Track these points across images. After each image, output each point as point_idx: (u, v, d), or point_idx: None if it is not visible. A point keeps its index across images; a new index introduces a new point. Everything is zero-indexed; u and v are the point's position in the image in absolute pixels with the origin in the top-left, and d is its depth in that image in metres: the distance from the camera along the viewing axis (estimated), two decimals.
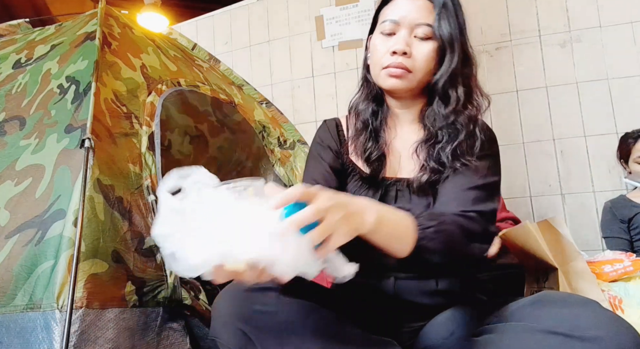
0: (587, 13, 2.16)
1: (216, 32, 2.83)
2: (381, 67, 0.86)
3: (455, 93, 0.85)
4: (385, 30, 0.86)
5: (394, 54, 0.84)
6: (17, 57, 1.28)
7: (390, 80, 0.85)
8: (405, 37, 0.84)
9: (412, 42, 0.84)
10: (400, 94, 0.89)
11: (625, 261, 1.18)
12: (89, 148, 0.92)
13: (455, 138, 0.83)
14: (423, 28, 0.84)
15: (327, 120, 1.00)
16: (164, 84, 1.27)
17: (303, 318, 0.67)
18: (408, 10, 0.85)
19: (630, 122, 2.04)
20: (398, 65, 0.83)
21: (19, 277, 0.81)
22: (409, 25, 0.85)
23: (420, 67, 0.85)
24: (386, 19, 0.87)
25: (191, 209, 0.53)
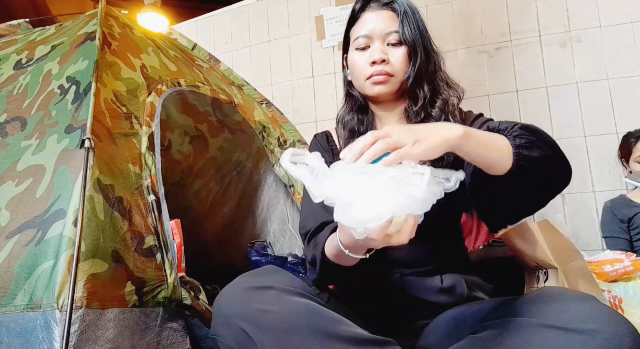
0: (587, 13, 2.17)
1: (216, 32, 2.83)
2: (365, 78, 0.94)
3: (422, 91, 0.93)
4: (360, 45, 0.95)
5: (374, 64, 0.92)
6: (17, 57, 1.28)
7: (376, 87, 0.93)
8: (380, 46, 0.93)
9: (386, 50, 0.93)
10: (385, 98, 0.96)
11: (625, 261, 1.18)
12: (89, 148, 0.92)
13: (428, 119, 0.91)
14: (393, 35, 0.93)
15: (317, 134, 1.08)
16: (164, 84, 1.27)
17: (303, 317, 0.68)
18: (375, 23, 0.94)
19: (630, 122, 2.04)
20: (380, 73, 0.92)
21: (19, 277, 0.81)
22: (380, 36, 0.93)
23: (398, 69, 0.93)
24: (358, 36, 0.95)
25: (339, 175, 0.60)
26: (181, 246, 1.31)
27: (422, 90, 0.93)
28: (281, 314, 0.67)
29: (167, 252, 0.97)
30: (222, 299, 0.73)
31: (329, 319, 0.69)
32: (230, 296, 0.72)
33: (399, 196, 0.57)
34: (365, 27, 0.95)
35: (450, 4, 2.36)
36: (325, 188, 0.60)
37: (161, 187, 1.05)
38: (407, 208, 0.57)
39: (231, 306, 0.70)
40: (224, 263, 1.94)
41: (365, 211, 0.57)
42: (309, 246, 0.90)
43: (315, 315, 0.69)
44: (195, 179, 2.03)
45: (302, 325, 0.67)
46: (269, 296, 0.70)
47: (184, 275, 1.12)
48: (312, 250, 0.88)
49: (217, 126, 1.88)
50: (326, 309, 0.71)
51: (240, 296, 0.71)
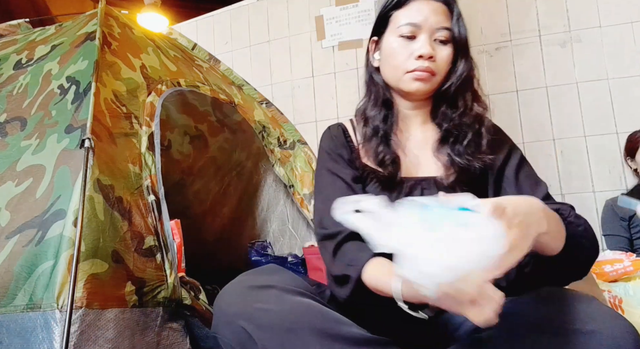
0: (587, 13, 2.16)
1: (216, 32, 2.83)
2: (405, 71, 0.88)
3: (464, 97, 0.89)
4: (406, 33, 0.87)
5: (420, 58, 0.86)
6: (17, 57, 1.28)
7: (415, 83, 0.87)
8: (428, 40, 0.86)
9: (433, 46, 0.87)
10: (419, 96, 0.91)
11: (625, 261, 1.18)
12: (88, 148, 0.92)
13: (465, 137, 0.87)
14: (443, 31, 0.87)
15: (330, 127, 0.99)
16: (164, 84, 1.27)
17: (304, 316, 0.67)
18: (428, 14, 0.87)
19: (630, 122, 2.04)
20: (425, 69, 0.86)
21: (19, 277, 0.81)
22: (430, 29, 0.87)
23: (441, 70, 0.88)
24: (405, 23, 0.87)
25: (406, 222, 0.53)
26: (181, 246, 1.31)
27: (464, 96, 0.89)
28: (282, 313, 0.67)
29: (167, 252, 0.97)
30: (223, 298, 0.72)
31: (329, 319, 0.69)
32: (231, 294, 0.72)
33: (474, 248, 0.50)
34: (415, 15, 0.87)
35: None
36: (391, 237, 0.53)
37: (161, 187, 1.05)
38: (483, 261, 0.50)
39: (232, 305, 0.70)
40: (224, 263, 1.94)
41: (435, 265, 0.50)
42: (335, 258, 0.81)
43: (315, 315, 0.68)
44: (195, 179, 2.03)
45: (302, 325, 0.66)
46: (269, 296, 0.69)
47: (184, 275, 1.12)
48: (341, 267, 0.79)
49: (217, 126, 1.88)
50: (327, 309, 0.71)
51: (242, 295, 0.70)
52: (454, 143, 0.88)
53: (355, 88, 2.59)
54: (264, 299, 0.69)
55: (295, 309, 0.68)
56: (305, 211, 1.71)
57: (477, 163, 0.85)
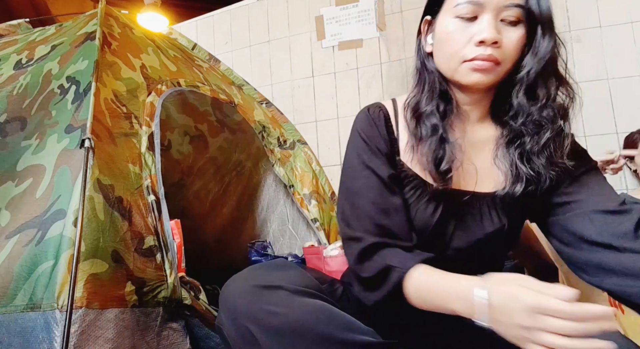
0: (587, 13, 2.16)
1: (216, 32, 2.83)
2: (462, 60, 0.72)
3: (546, 85, 0.72)
4: (464, 13, 0.71)
5: (481, 44, 0.70)
6: (17, 57, 1.28)
7: (474, 75, 0.71)
8: (493, 22, 0.70)
9: (500, 28, 0.70)
10: (480, 89, 0.75)
11: None
12: (88, 148, 0.92)
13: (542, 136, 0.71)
14: (512, 10, 0.70)
15: (370, 107, 0.83)
16: (164, 84, 1.27)
17: (312, 322, 0.65)
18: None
19: (630, 122, 2.04)
20: (487, 58, 0.70)
21: (19, 277, 0.81)
22: (495, 7, 0.70)
23: (509, 57, 0.72)
24: (464, 1, 0.71)
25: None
26: (181, 246, 1.31)
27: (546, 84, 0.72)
28: (289, 317, 0.65)
29: (167, 252, 0.97)
30: (229, 293, 0.69)
31: (337, 324, 0.66)
32: (238, 292, 0.69)
33: None
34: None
35: None
36: None
37: (161, 187, 1.05)
38: None
39: (239, 304, 0.67)
40: (224, 263, 1.94)
41: None
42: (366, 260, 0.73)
43: (324, 320, 0.65)
44: (195, 179, 2.03)
45: (309, 330, 0.64)
46: (278, 297, 0.66)
47: (184, 275, 1.12)
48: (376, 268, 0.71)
49: (217, 126, 1.88)
50: (337, 312, 0.68)
51: (249, 294, 0.67)
52: (525, 146, 0.72)
53: (355, 88, 2.59)
54: (271, 300, 0.66)
55: (303, 313, 0.65)
56: (305, 211, 1.71)
57: (551, 173, 0.71)
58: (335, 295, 0.81)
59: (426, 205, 0.74)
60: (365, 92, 2.45)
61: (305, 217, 1.74)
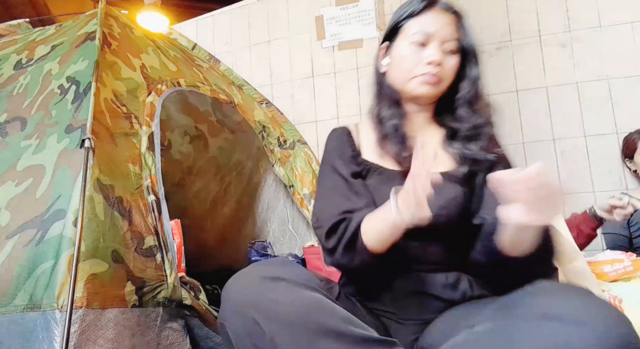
0: (587, 13, 2.16)
1: (216, 32, 2.84)
2: (413, 75, 0.93)
3: (477, 101, 0.95)
4: (417, 40, 0.93)
5: (430, 63, 0.91)
6: (18, 57, 1.28)
7: (424, 87, 0.93)
8: (438, 48, 0.92)
9: (442, 54, 0.93)
10: (425, 100, 0.97)
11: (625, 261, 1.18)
12: (88, 148, 0.92)
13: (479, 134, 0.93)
14: (452, 43, 0.93)
15: (335, 129, 1.05)
16: (164, 84, 1.27)
17: (313, 312, 0.69)
18: (440, 25, 0.93)
19: (630, 122, 2.04)
20: (434, 74, 0.92)
21: (19, 277, 0.81)
22: (440, 39, 0.93)
23: (447, 77, 0.94)
24: (418, 31, 0.93)
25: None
26: (181, 246, 1.31)
27: (477, 100, 0.95)
28: (293, 306, 0.68)
29: (167, 252, 0.97)
30: (233, 287, 0.74)
31: (338, 317, 0.70)
32: (242, 284, 0.73)
33: None
34: (429, 25, 0.93)
35: None
36: None
37: (161, 187, 1.05)
38: None
39: (243, 294, 0.71)
40: (224, 263, 1.94)
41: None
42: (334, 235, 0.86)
43: (325, 312, 0.70)
44: (195, 179, 2.03)
45: (312, 320, 0.68)
46: (281, 288, 0.71)
47: (184, 275, 1.12)
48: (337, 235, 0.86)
49: (217, 126, 1.88)
50: (336, 306, 0.72)
51: (253, 285, 0.72)
52: (466, 140, 0.93)
53: (355, 88, 2.59)
54: (276, 290, 0.70)
55: (305, 303, 0.70)
56: (305, 211, 1.71)
57: (490, 156, 0.91)
58: (332, 293, 0.86)
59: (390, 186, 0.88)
60: (365, 91, 2.45)
61: (305, 217, 1.74)
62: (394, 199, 0.77)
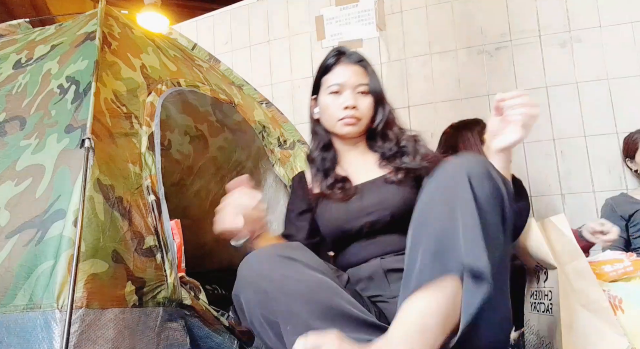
0: (587, 13, 2.16)
1: (216, 32, 2.83)
2: (337, 119, 1.13)
3: (391, 132, 1.15)
4: (334, 90, 1.14)
5: (346, 108, 1.11)
6: (17, 57, 1.28)
7: (346, 128, 1.12)
8: (352, 94, 1.12)
9: (357, 98, 1.13)
10: (352, 137, 1.16)
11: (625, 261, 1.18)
12: (88, 148, 0.92)
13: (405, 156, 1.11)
14: (362, 86, 1.14)
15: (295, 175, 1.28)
16: (164, 84, 1.27)
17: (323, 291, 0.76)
18: (349, 75, 1.14)
19: (630, 122, 2.04)
20: (352, 116, 1.11)
21: (19, 277, 0.81)
22: (352, 86, 1.13)
23: (365, 115, 1.14)
24: (333, 84, 1.14)
25: None
26: (181, 246, 1.31)
27: (391, 131, 1.15)
28: (301, 282, 0.76)
29: (167, 252, 0.97)
30: (251, 262, 0.81)
31: (345, 300, 0.76)
32: (259, 259, 0.81)
33: None
34: (339, 77, 1.14)
35: (450, 4, 2.36)
36: None
37: (161, 187, 1.05)
38: None
39: (259, 269, 0.79)
40: (224, 263, 1.94)
41: None
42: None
43: (330, 292, 0.77)
44: (195, 179, 2.03)
45: (320, 299, 0.74)
46: (293, 266, 0.78)
47: (184, 275, 1.12)
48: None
49: (217, 126, 1.88)
50: (342, 290, 0.79)
51: (269, 261, 0.79)
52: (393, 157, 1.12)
53: None
54: (286, 267, 0.78)
55: (313, 281, 0.77)
56: None
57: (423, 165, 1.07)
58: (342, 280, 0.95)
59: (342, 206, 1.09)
60: None
61: None
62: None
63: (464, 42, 2.31)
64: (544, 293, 0.99)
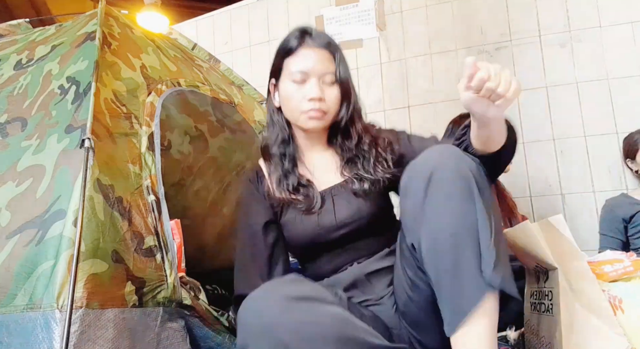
0: (587, 13, 2.17)
1: (216, 32, 2.84)
2: (300, 112, 1.00)
3: (355, 128, 1.04)
4: (297, 79, 1.00)
5: (312, 100, 0.98)
6: (18, 57, 1.28)
7: (311, 122, 1.00)
8: (317, 84, 0.99)
9: (322, 88, 1.00)
10: (318, 131, 1.05)
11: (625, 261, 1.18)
12: (88, 148, 0.92)
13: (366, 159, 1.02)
14: (329, 76, 1.01)
15: (244, 175, 1.16)
16: (164, 84, 1.27)
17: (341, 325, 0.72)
18: (315, 61, 1.00)
19: (630, 122, 2.04)
20: (317, 110, 0.99)
21: (19, 277, 0.81)
22: (318, 74, 1.00)
23: (332, 108, 1.02)
24: (296, 70, 1.00)
25: None
26: (181, 246, 1.31)
27: (355, 127, 1.04)
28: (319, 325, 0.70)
29: (167, 252, 0.97)
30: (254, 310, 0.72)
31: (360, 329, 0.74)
32: (264, 305, 0.71)
33: None
34: (304, 63, 1.00)
35: (450, 4, 2.36)
36: None
37: (161, 187, 1.05)
38: None
39: (268, 316, 0.70)
40: (224, 263, 1.94)
41: None
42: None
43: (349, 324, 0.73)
44: (195, 179, 2.03)
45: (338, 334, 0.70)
46: (306, 307, 0.71)
47: (184, 275, 1.12)
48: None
49: (217, 126, 1.88)
50: (355, 318, 0.76)
51: (276, 306, 0.70)
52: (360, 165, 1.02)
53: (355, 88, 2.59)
54: (298, 310, 0.70)
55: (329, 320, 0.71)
56: None
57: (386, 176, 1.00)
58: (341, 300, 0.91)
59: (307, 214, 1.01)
60: (365, 92, 2.45)
61: None
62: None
63: (464, 42, 2.31)
64: (544, 293, 0.99)
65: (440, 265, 0.75)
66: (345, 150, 1.04)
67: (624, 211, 1.86)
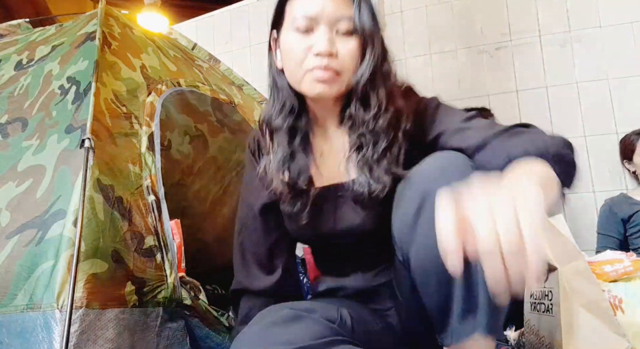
0: (587, 13, 2.17)
1: (216, 32, 2.84)
2: (304, 71, 0.75)
3: (377, 95, 0.75)
4: (301, 26, 0.74)
5: (319, 55, 0.73)
6: (18, 58, 1.28)
7: (318, 86, 0.74)
8: (327, 33, 0.73)
9: (335, 40, 0.74)
10: (328, 100, 0.79)
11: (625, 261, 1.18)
12: (88, 148, 0.92)
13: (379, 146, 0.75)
14: (345, 22, 0.74)
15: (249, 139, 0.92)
16: (164, 84, 1.27)
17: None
18: (324, 2, 0.73)
19: (630, 122, 2.04)
20: (326, 68, 0.73)
21: (19, 277, 0.81)
22: (328, 20, 0.73)
23: (348, 67, 0.75)
24: (300, 15, 0.74)
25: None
26: (181, 246, 1.31)
27: (376, 96, 0.75)
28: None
29: (167, 252, 0.97)
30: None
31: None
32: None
33: None
34: (309, 6, 0.74)
35: (450, 4, 2.36)
36: None
37: (161, 187, 1.05)
38: None
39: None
40: (224, 263, 1.93)
41: None
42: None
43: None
44: (195, 179, 2.03)
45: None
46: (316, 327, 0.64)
47: (184, 275, 1.12)
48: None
49: (217, 126, 1.88)
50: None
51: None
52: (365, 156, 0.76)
53: None
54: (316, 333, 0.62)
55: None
56: None
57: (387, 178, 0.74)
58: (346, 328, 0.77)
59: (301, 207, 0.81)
60: None
61: None
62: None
63: (464, 42, 2.31)
64: (544, 293, 0.99)
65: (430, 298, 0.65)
66: (357, 126, 0.77)
67: (623, 211, 1.86)
